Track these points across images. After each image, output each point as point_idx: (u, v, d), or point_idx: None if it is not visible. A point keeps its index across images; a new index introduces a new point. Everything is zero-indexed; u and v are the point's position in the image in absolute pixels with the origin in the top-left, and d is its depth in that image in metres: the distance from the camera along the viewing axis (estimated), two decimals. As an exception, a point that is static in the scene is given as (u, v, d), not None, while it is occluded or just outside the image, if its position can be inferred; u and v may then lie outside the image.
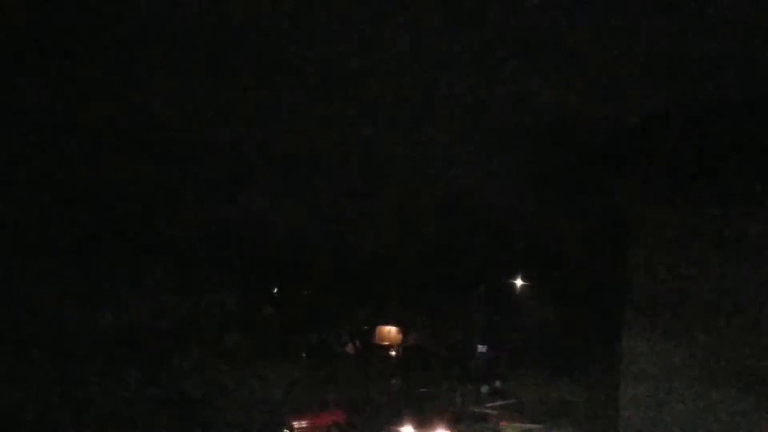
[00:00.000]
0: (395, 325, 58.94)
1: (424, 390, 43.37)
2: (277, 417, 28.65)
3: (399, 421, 35.41)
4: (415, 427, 34.21)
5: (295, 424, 34.44)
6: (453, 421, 32.86)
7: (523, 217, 50.07)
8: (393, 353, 55.07)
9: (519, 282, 55.85)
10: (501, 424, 38.34)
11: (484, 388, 47.66)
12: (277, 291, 50.80)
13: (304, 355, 47.23)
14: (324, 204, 49.56)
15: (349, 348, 51.49)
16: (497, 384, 49.08)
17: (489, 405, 44.69)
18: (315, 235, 49.56)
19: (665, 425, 6.57)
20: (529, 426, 38.01)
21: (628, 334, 7.36)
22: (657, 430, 6.81)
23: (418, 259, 50.43)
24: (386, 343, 56.86)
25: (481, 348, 54.54)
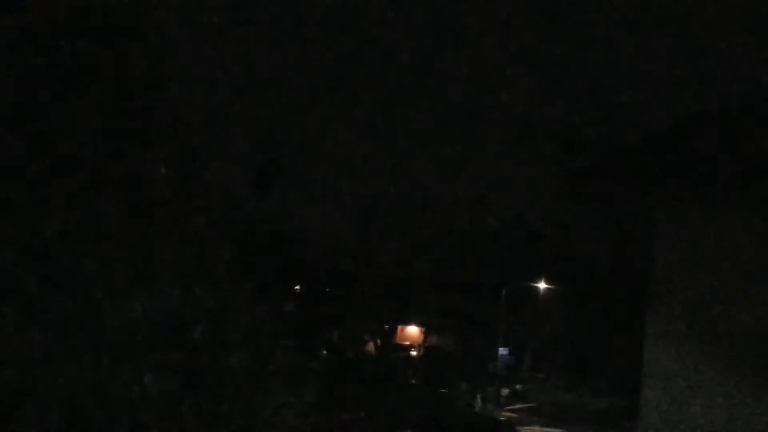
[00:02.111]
0: (417, 326, 59.09)
1: (444, 390, 43.31)
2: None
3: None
4: None
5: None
6: None
7: (548, 221, 50.12)
8: (414, 353, 55.16)
9: (542, 285, 55.74)
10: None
11: (505, 391, 47.57)
12: (300, 288, 50.97)
13: (324, 352, 47.34)
14: (349, 205, 49.89)
15: (370, 346, 51.53)
16: (518, 387, 49.02)
17: (509, 408, 44.61)
18: (340, 235, 49.84)
19: (686, 426, 6.61)
20: (547, 430, 37.93)
21: (650, 336, 7.39)
22: (677, 430, 6.85)
23: (442, 262, 50.58)
24: (407, 343, 56.97)
25: (503, 350, 54.47)
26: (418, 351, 56.24)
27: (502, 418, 39.64)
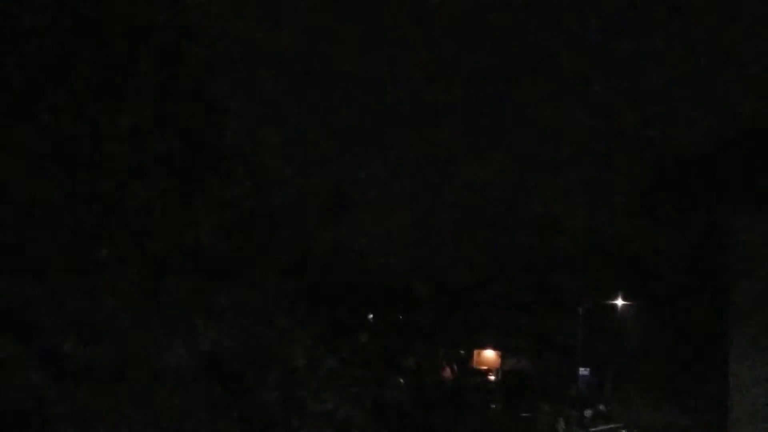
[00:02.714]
0: (494, 349, 58.38)
1: (526, 415, 42.62)
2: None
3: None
4: None
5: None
6: None
7: (623, 237, 49.20)
8: (492, 377, 54.46)
9: (620, 302, 54.66)
10: None
11: (588, 412, 46.57)
12: (373, 317, 50.84)
13: (401, 380, 46.96)
14: (422, 229, 49.73)
15: (447, 372, 51.05)
16: (601, 407, 47.96)
17: (593, 430, 43.64)
18: (412, 260, 49.63)
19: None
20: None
21: (734, 350, 6.94)
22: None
23: (517, 282, 49.99)
24: (485, 367, 56.30)
25: (583, 371, 53.48)
26: (496, 375, 55.53)
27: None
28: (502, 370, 55.52)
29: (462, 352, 51.44)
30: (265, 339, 8.62)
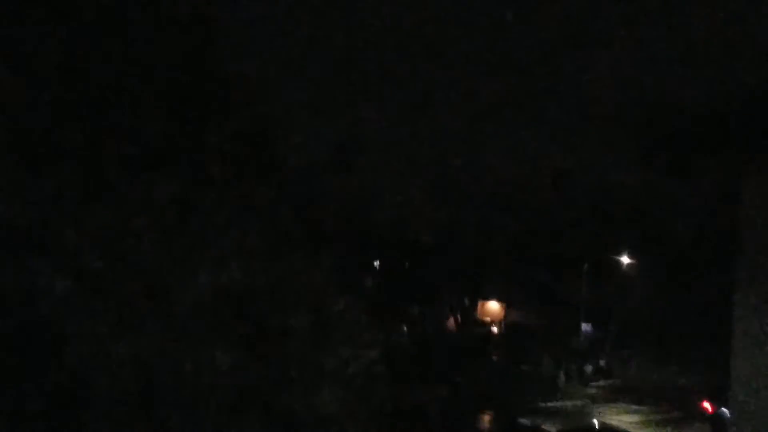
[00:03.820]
0: (497, 301, 58.68)
1: (527, 367, 42.98)
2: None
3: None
4: None
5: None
6: None
7: (630, 194, 49.02)
8: (495, 329, 54.83)
9: (625, 259, 54.76)
10: None
11: (588, 368, 46.92)
12: (379, 263, 51.06)
13: (405, 328, 47.33)
14: (428, 180, 49.58)
15: (450, 322, 51.39)
16: (601, 363, 48.30)
17: (593, 384, 44.02)
18: (419, 210, 49.65)
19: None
20: (634, 407, 37.26)
21: (738, 309, 6.98)
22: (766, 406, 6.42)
23: (523, 236, 50.00)
24: (488, 318, 56.62)
25: (585, 326, 53.79)
26: (499, 327, 55.88)
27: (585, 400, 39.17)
28: (505, 322, 55.90)
29: (466, 302, 51.70)
30: (286, 278, 8.67)
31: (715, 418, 28.47)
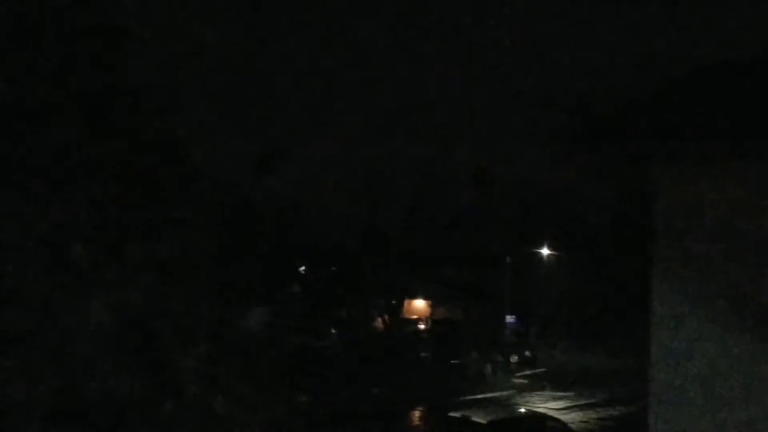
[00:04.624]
0: (424, 299, 59.29)
1: (455, 362, 43.55)
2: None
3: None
4: None
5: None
6: None
7: (549, 188, 50.13)
8: (422, 326, 55.38)
9: (545, 252, 56.01)
10: None
11: (514, 358, 47.83)
12: (305, 269, 51.18)
13: (333, 330, 47.55)
14: (350, 181, 49.88)
15: (378, 322, 51.79)
16: (527, 354, 49.26)
17: (519, 374, 44.87)
18: (343, 213, 49.86)
19: (694, 378, 6.65)
20: (558, 394, 38.16)
21: (655, 293, 7.44)
22: (686, 385, 6.86)
23: (445, 233, 50.63)
24: (415, 316, 57.20)
25: (510, 318, 54.81)
26: (426, 324, 56.51)
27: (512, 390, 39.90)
28: (432, 319, 56.50)
29: (393, 302, 52.14)
30: (185, 298, 8.40)
31: None
